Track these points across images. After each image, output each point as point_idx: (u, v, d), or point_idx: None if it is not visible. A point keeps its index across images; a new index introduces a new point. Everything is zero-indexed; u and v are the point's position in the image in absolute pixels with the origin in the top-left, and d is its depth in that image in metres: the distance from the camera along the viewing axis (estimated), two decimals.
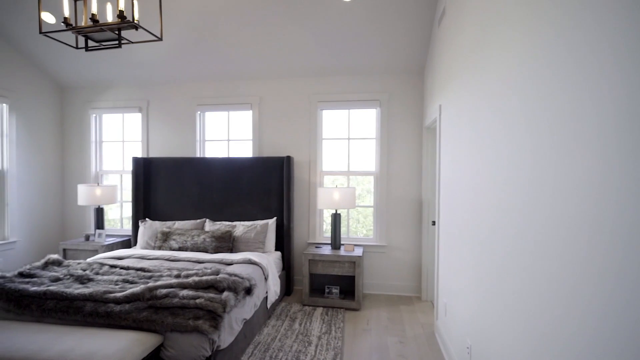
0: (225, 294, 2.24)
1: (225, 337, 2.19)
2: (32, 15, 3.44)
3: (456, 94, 2.38)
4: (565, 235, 1.04)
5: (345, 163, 4.15)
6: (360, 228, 5.55)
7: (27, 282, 2.38)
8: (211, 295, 2.19)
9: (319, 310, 3.47)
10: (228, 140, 4.38)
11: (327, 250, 3.70)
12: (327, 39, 3.49)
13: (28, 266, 2.66)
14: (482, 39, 1.86)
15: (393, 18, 3.19)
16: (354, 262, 3.51)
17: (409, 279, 3.95)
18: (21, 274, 2.53)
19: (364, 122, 4.14)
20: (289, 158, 3.84)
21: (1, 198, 3.91)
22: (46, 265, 2.76)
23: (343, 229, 4.10)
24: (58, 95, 4.55)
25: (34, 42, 3.82)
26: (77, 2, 2.66)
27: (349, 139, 4.13)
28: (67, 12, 2.25)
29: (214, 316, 2.10)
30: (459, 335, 2.27)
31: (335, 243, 3.73)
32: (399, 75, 3.91)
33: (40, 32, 2.26)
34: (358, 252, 3.64)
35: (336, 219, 3.74)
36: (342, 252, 3.62)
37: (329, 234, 4.19)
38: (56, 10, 3.23)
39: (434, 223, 3.70)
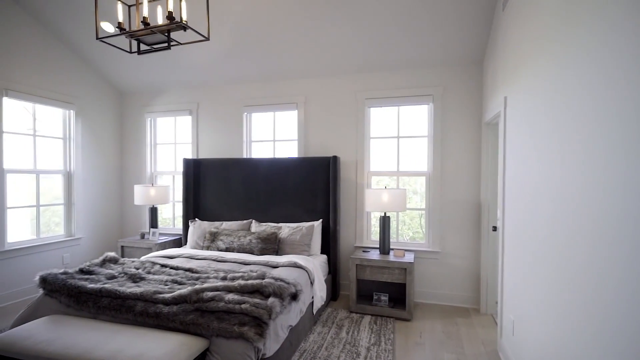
0: (271, 299, 2.16)
1: (271, 345, 2.10)
2: (99, 27, 3.65)
3: (528, 84, 2.08)
4: None
5: (393, 163, 3.91)
6: (406, 230, 5.28)
7: (86, 279, 2.49)
8: (257, 300, 2.11)
9: (367, 318, 3.29)
10: (274, 140, 4.36)
11: (375, 255, 3.50)
12: (374, 32, 3.30)
13: (88, 263, 2.79)
14: (564, 22, 1.57)
15: (447, 4, 2.92)
16: (404, 268, 3.28)
17: (466, 289, 3.62)
18: (81, 271, 2.65)
19: (414, 119, 3.88)
20: (335, 158, 3.70)
21: (69, 198, 4.22)
22: (104, 262, 2.88)
23: (392, 233, 3.87)
24: (118, 100, 4.84)
25: (97, 51, 4.06)
26: (131, 8, 2.75)
27: (398, 137, 3.89)
28: (120, 18, 2.31)
29: (260, 323, 2.01)
30: (532, 359, 1.97)
31: (384, 248, 3.52)
32: (455, 67, 3.60)
33: (97, 38, 2.34)
34: (409, 258, 3.40)
35: (385, 222, 3.53)
36: (392, 257, 3.40)
37: (376, 238, 3.99)
38: (112, 15, 3.38)
39: (495, 228, 3.35)
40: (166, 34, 2.27)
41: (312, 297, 3.01)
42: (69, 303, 2.31)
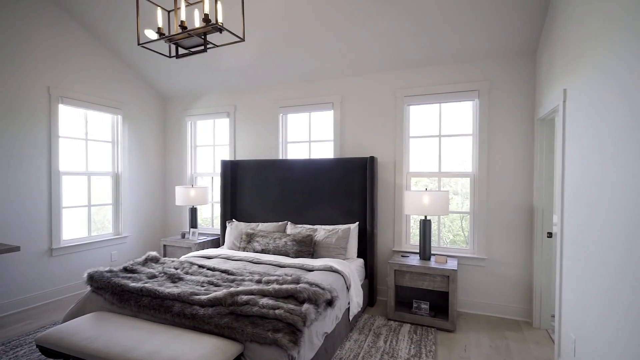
0: (306, 306, 2.08)
1: (306, 353, 2.03)
2: (141, 34, 3.81)
3: (594, 72, 1.84)
4: None
5: (434, 163, 3.70)
6: (446, 233, 5.01)
7: (129, 278, 2.56)
8: (291, 306, 2.05)
9: (406, 327, 3.12)
10: (309, 141, 4.30)
11: (415, 260, 3.32)
12: (413, 25, 3.13)
13: (131, 262, 2.89)
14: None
15: None
16: (447, 276, 3.07)
17: (516, 299, 3.33)
18: (125, 269, 2.74)
19: (458, 116, 3.65)
20: (372, 159, 3.57)
21: (117, 198, 4.45)
22: (146, 261, 2.97)
23: (432, 237, 3.66)
24: (161, 104, 5.04)
25: (142, 58, 4.25)
26: (170, 13, 2.81)
27: (439, 136, 3.67)
28: (160, 23, 2.37)
29: (294, 330, 1.95)
30: None
31: (425, 253, 3.33)
32: (503, 60, 3.33)
33: (139, 44, 2.41)
34: (452, 264, 3.18)
35: (425, 226, 3.34)
36: (433, 263, 3.21)
37: (415, 242, 3.80)
38: (152, 21, 3.50)
39: (550, 235, 3.05)
40: (202, 37, 2.29)
41: (349, 303, 2.90)
42: (112, 300, 2.39)
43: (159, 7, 2.38)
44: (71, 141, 3.97)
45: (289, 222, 3.91)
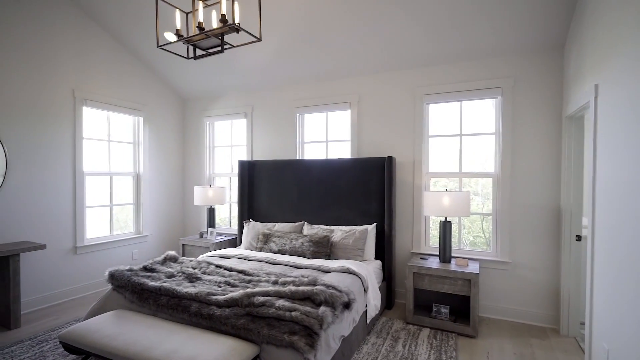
0: (322, 308, 2.05)
1: (322, 356, 1.99)
2: (160, 36, 3.87)
3: (629, 67, 1.72)
4: None
5: (455, 163, 3.60)
6: (466, 234, 4.87)
7: (148, 277, 2.60)
8: (307, 309, 2.02)
9: (425, 331, 3.04)
10: (326, 141, 4.27)
11: (434, 263, 3.23)
12: (433, 21, 3.04)
13: (150, 261, 2.93)
14: None
15: None
16: (468, 279, 2.97)
17: (541, 305, 3.19)
18: (145, 268, 2.78)
19: (479, 115, 3.53)
20: (390, 159, 3.50)
21: (138, 198, 4.54)
22: (165, 261, 3.01)
23: (453, 240, 3.55)
24: (180, 106, 5.12)
25: (162, 61, 4.32)
26: (188, 15, 2.84)
27: (460, 135, 3.56)
28: (178, 25, 2.39)
29: (310, 333, 1.92)
30: None
31: (445, 255, 3.23)
32: (527, 55, 3.20)
33: (157, 46, 2.44)
34: (473, 267, 3.08)
35: (446, 227, 3.24)
36: (453, 266, 3.11)
37: (435, 243, 3.70)
38: (171, 24, 3.55)
39: (579, 238, 2.91)
40: (220, 37, 2.29)
41: (366, 306, 2.85)
42: (132, 299, 2.43)
43: (177, 9, 2.40)
44: (94, 142, 4.08)
45: (305, 223, 3.89)
